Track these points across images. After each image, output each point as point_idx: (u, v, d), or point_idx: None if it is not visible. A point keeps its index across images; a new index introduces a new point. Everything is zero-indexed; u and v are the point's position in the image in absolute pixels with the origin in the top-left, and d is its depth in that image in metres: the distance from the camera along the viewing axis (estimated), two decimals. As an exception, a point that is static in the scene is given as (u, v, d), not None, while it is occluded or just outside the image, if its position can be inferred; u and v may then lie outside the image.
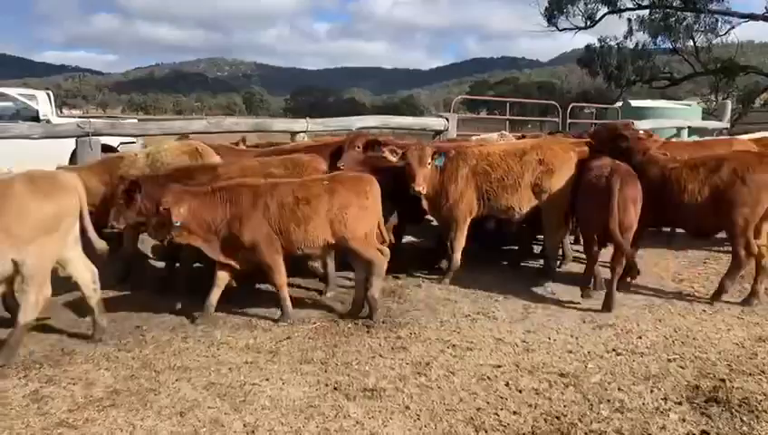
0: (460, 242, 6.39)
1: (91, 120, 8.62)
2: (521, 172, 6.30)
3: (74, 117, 15.30)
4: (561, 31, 32.49)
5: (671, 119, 16.68)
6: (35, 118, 11.53)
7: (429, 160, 6.13)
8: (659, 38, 32.29)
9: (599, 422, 3.69)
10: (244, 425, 3.64)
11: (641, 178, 5.84)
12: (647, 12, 31.79)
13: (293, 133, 9.76)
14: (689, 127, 15.70)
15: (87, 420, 3.69)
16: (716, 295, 5.91)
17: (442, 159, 6.23)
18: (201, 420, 3.68)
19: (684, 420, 3.71)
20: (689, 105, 21.19)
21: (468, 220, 6.42)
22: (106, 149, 8.92)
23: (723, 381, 4.21)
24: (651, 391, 4.06)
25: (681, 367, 4.45)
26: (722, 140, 10.51)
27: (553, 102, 17.03)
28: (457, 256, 6.41)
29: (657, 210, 5.94)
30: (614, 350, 4.75)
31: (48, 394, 4.00)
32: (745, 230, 5.66)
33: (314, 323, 5.30)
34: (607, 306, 5.58)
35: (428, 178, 6.17)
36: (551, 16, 32.12)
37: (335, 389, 4.09)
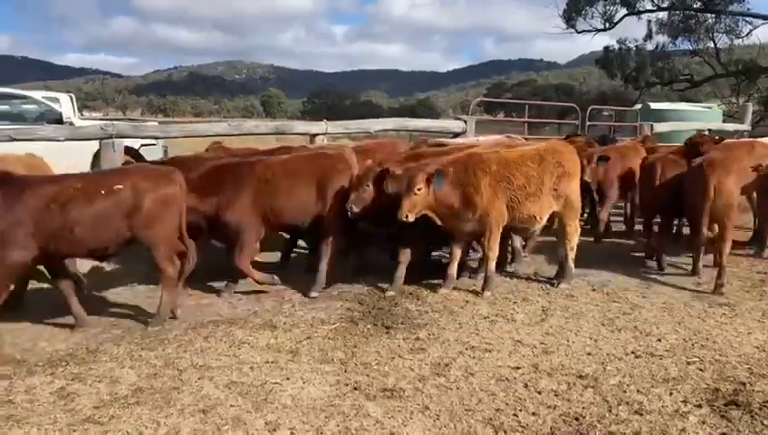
0: (495, 251, 6.21)
1: (115, 122, 8.75)
2: (541, 177, 6.16)
3: (96, 119, 15.49)
4: (579, 33, 32.29)
5: (691, 121, 16.53)
6: (59, 120, 11.70)
7: (420, 186, 5.73)
8: (679, 40, 31.99)
9: (618, 424, 3.70)
10: (266, 423, 3.70)
11: None
12: (666, 14, 31.56)
13: (312, 136, 9.80)
14: (709, 130, 15.54)
15: (113, 416, 3.76)
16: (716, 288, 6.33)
17: (440, 180, 5.82)
18: (223, 419, 3.74)
19: (704, 423, 3.71)
20: (710, 108, 20.97)
21: (501, 228, 6.23)
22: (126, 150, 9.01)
23: (743, 384, 4.20)
24: (670, 394, 4.06)
25: (701, 370, 4.44)
26: (744, 142, 10.38)
27: (572, 105, 16.91)
28: (492, 266, 6.23)
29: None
30: (633, 352, 4.75)
31: (74, 391, 4.09)
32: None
33: (334, 324, 5.35)
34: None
35: (419, 204, 5.78)
36: (569, 18, 31.87)
37: (355, 389, 4.13)
